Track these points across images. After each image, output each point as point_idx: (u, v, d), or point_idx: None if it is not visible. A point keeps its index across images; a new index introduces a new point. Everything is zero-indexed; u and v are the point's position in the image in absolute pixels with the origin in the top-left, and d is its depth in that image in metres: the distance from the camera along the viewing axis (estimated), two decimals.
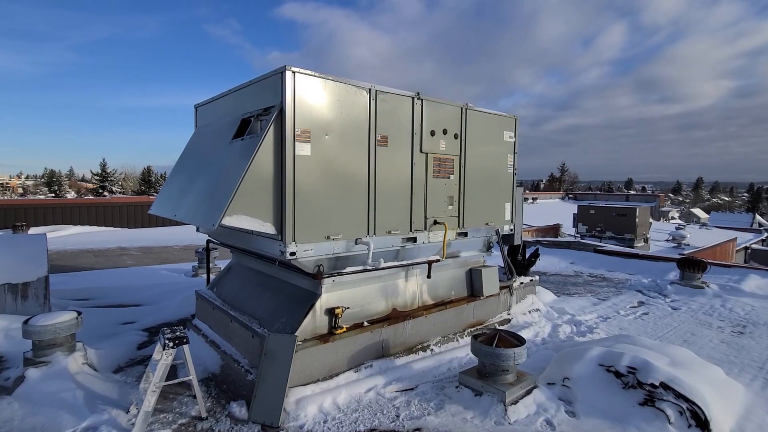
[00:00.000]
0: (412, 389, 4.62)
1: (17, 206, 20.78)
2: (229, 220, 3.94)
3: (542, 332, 6.42)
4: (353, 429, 3.94)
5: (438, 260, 5.69)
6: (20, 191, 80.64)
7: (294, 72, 4.19)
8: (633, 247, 20.08)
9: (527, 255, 7.81)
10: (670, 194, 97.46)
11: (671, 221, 39.60)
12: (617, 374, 4.28)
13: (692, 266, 9.28)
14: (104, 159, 58.19)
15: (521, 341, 4.48)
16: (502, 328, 5.64)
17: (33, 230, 18.11)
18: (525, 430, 3.90)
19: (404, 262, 5.42)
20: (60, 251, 14.20)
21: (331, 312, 4.76)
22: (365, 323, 5.04)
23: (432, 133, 5.50)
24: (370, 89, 4.85)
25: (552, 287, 9.12)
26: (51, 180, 79.33)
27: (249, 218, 4.10)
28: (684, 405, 3.85)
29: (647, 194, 72.92)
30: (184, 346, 3.93)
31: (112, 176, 56.38)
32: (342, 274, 4.83)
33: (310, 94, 4.35)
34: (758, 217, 47.03)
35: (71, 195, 61.97)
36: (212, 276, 6.75)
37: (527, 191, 61.68)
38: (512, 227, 7.01)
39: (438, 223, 5.66)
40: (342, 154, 4.65)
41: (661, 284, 9.44)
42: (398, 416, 4.14)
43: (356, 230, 4.86)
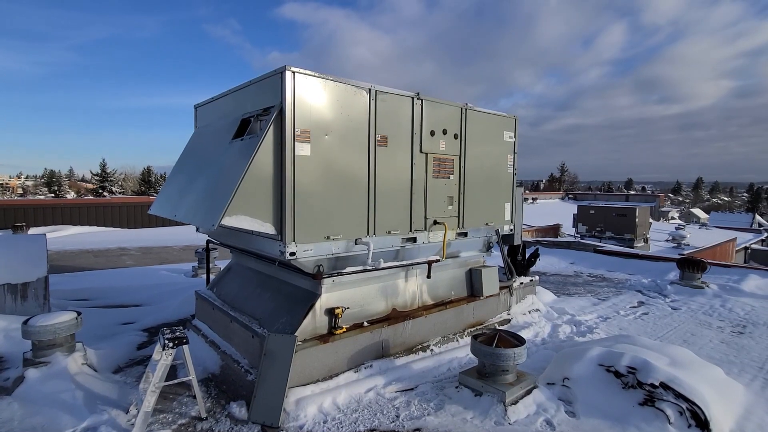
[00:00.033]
0: (412, 389, 4.62)
1: (17, 206, 20.76)
2: (229, 221, 3.94)
3: (542, 332, 6.42)
4: (353, 429, 3.93)
5: (438, 260, 5.69)
6: (20, 191, 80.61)
7: (294, 72, 4.19)
8: (633, 248, 20.09)
9: (527, 255, 7.81)
10: (670, 194, 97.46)
11: (671, 221, 39.61)
12: (617, 374, 4.28)
13: (692, 266, 9.29)
14: (104, 159, 58.26)
15: (521, 341, 4.48)
16: (502, 328, 5.63)
17: (33, 230, 18.12)
18: (525, 430, 3.90)
19: (404, 263, 5.42)
20: (60, 251, 14.19)
21: (331, 312, 4.76)
22: (365, 323, 5.04)
23: (432, 133, 5.50)
24: (370, 89, 4.84)
25: (552, 287, 9.12)
26: (51, 180, 79.28)
27: (249, 218, 4.10)
28: (684, 405, 3.85)
29: (647, 194, 72.93)
30: (184, 347, 3.93)
31: (112, 176, 56.32)
32: (342, 275, 4.83)
33: (310, 94, 4.35)
34: (758, 217, 47.06)
35: (71, 195, 61.92)
36: (212, 276, 6.75)
37: (527, 191, 61.67)
38: (512, 227, 7.01)
39: (438, 223, 5.66)
40: (342, 154, 4.65)
41: (661, 284, 9.44)
42: (398, 416, 4.14)
43: (356, 230, 4.86)
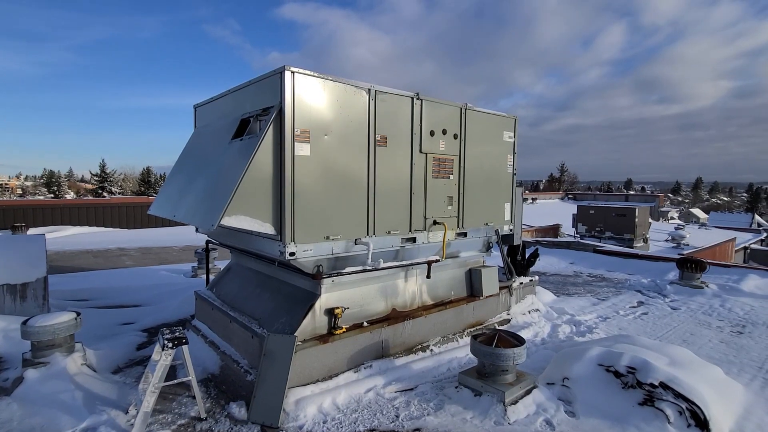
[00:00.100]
0: (412, 389, 4.62)
1: (16, 207, 20.76)
2: (229, 221, 3.94)
3: (542, 332, 6.42)
4: (353, 429, 3.93)
5: (437, 260, 5.69)
6: (19, 192, 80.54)
7: (293, 72, 4.18)
8: (632, 247, 20.11)
9: (527, 255, 7.82)
10: (670, 194, 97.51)
11: (670, 221, 39.64)
12: (617, 374, 4.28)
13: (691, 266, 9.29)
14: (103, 159, 58.10)
15: (521, 341, 4.48)
16: (502, 328, 5.63)
17: (32, 231, 18.10)
18: (524, 430, 3.90)
19: (404, 263, 5.42)
20: (59, 252, 14.18)
21: (331, 312, 4.75)
22: (365, 323, 5.04)
23: (431, 133, 5.50)
24: (370, 89, 4.84)
25: (551, 287, 9.12)
26: (50, 180, 79.22)
27: (248, 218, 4.09)
28: (683, 405, 3.85)
29: (646, 194, 72.96)
30: (183, 347, 3.93)
31: (112, 177, 56.23)
32: (341, 275, 4.82)
33: (310, 95, 4.34)
34: (757, 217, 47.13)
35: (70, 195, 61.87)
36: (212, 276, 6.74)
37: (527, 191, 61.69)
38: (512, 227, 7.01)
39: (437, 224, 5.65)
40: (341, 155, 4.65)
41: (661, 284, 9.44)
42: (398, 416, 4.14)
43: (356, 230, 4.86)
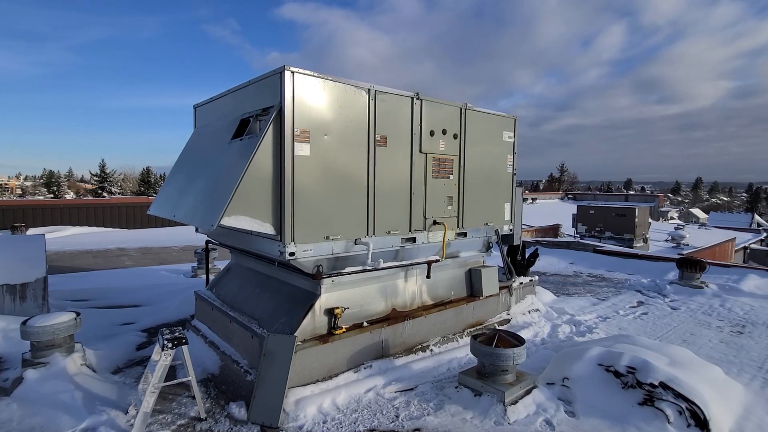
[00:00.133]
0: (412, 389, 4.62)
1: (16, 207, 20.75)
2: (228, 221, 3.94)
3: (542, 332, 6.42)
4: (353, 429, 3.93)
5: (437, 260, 5.69)
6: (19, 192, 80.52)
7: (293, 72, 4.18)
8: (632, 247, 20.11)
9: (527, 255, 7.82)
10: (669, 194, 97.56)
11: (670, 221, 39.65)
12: (617, 374, 4.28)
13: (691, 266, 9.29)
14: (103, 159, 58.04)
15: (521, 341, 4.48)
16: (502, 328, 5.63)
17: (32, 231, 18.11)
18: (524, 430, 3.89)
19: (404, 263, 5.42)
20: (59, 252, 14.18)
21: (331, 312, 4.75)
22: (365, 323, 5.04)
23: (431, 133, 5.50)
24: (370, 89, 4.84)
25: (551, 287, 9.12)
26: (50, 181, 79.18)
27: (248, 218, 4.09)
28: (683, 405, 3.85)
29: (646, 194, 72.98)
30: (183, 347, 3.93)
31: (111, 177, 56.23)
32: (341, 275, 4.82)
33: (310, 95, 4.34)
34: (757, 217, 47.15)
35: (70, 196, 61.86)
36: (211, 276, 6.74)
37: (527, 191, 61.70)
38: (512, 227, 7.01)
39: (437, 224, 5.65)
40: (341, 155, 4.64)
41: (661, 284, 9.44)
42: (398, 416, 4.13)
43: (355, 230, 4.86)
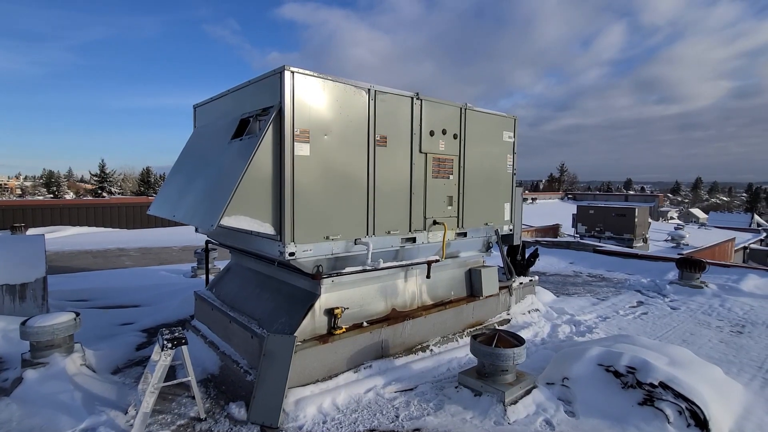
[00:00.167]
0: (412, 389, 4.61)
1: (15, 207, 20.74)
2: (228, 221, 3.93)
3: (541, 332, 6.42)
4: (352, 429, 3.93)
5: (437, 260, 5.69)
6: (18, 192, 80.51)
7: (293, 72, 4.18)
8: (632, 247, 20.11)
9: (526, 255, 7.81)
10: (669, 194, 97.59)
11: (670, 221, 39.65)
12: (616, 374, 4.28)
13: (691, 266, 9.29)
14: (103, 160, 57.95)
15: (520, 341, 4.48)
16: (502, 328, 5.63)
17: (31, 231, 18.10)
18: (524, 430, 3.89)
19: (403, 263, 5.42)
20: (58, 252, 14.17)
21: (331, 312, 4.75)
22: (364, 323, 5.04)
23: (431, 133, 5.49)
24: (369, 89, 4.84)
25: (551, 287, 9.12)
26: (49, 181, 79.15)
27: (248, 218, 4.09)
28: (683, 404, 3.85)
29: (646, 194, 72.97)
30: (183, 347, 3.92)
31: (111, 177, 56.18)
32: (341, 275, 4.82)
33: (309, 95, 4.34)
34: (757, 217, 47.18)
35: (70, 196, 61.82)
36: (211, 277, 6.74)
37: (526, 191, 61.70)
38: (511, 227, 7.01)
39: (437, 224, 5.65)
40: (341, 155, 4.64)
41: (660, 284, 9.45)
42: (398, 416, 4.13)
43: (355, 230, 4.86)
